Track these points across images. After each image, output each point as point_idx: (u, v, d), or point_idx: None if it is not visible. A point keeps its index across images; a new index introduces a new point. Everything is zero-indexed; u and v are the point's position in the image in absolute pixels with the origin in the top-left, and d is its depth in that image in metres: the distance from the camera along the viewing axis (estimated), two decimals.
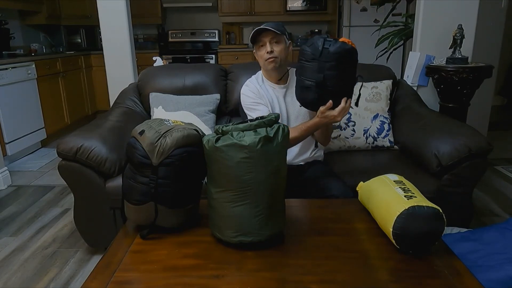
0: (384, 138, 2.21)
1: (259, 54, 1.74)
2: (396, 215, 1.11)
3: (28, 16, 4.78)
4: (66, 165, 1.85)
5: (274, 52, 1.69)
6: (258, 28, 1.67)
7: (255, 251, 1.14)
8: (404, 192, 1.19)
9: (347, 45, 1.47)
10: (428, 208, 1.10)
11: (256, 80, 1.84)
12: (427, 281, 1.01)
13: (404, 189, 1.21)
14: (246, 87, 1.83)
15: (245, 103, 1.81)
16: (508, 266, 1.37)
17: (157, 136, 1.18)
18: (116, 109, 2.33)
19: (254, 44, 1.73)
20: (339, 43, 1.47)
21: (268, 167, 1.12)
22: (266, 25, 1.67)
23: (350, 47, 1.48)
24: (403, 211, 1.10)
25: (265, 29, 1.66)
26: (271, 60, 1.70)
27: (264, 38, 1.69)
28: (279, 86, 1.80)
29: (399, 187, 1.23)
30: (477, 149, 1.75)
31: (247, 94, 1.81)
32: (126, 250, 1.17)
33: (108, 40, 3.00)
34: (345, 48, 1.47)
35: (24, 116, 3.70)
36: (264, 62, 1.73)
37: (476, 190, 2.63)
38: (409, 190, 1.20)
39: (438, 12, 2.52)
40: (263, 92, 1.79)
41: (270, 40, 1.68)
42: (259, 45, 1.71)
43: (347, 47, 1.47)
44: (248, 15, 5.34)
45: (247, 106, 1.80)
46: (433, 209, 1.10)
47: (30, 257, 2.10)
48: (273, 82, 1.81)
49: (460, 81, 2.32)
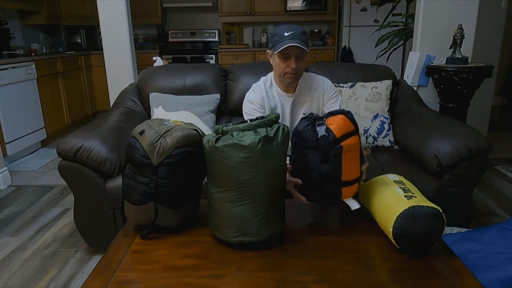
0: (384, 138, 2.21)
1: (279, 64, 1.64)
2: (396, 215, 1.11)
3: (28, 16, 4.78)
4: (66, 165, 1.85)
5: (297, 69, 1.62)
6: (291, 44, 1.54)
7: (255, 251, 1.14)
8: (404, 192, 1.20)
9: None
10: (428, 208, 1.10)
11: (264, 85, 1.78)
12: (427, 281, 1.01)
13: (404, 189, 1.22)
14: (252, 92, 1.78)
15: (246, 108, 1.78)
16: (508, 266, 1.37)
17: (157, 136, 1.18)
18: (116, 109, 2.33)
19: (276, 51, 1.59)
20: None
21: (268, 167, 1.12)
22: (296, 37, 1.55)
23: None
24: (403, 211, 1.10)
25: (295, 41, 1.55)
26: (293, 76, 1.65)
27: (291, 51, 1.58)
28: (287, 94, 1.77)
29: (399, 187, 1.23)
30: (477, 149, 1.75)
31: (250, 100, 1.76)
32: (126, 250, 1.17)
33: (108, 40, 3.00)
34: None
35: (24, 116, 3.70)
36: (283, 74, 1.66)
37: (476, 190, 2.64)
38: (409, 190, 1.21)
39: (438, 12, 2.52)
40: (268, 100, 1.76)
41: (296, 54, 1.59)
42: (283, 56, 1.60)
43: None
44: (248, 15, 5.34)
45: (247, 112, 1.77)
46: (433, 209, 1.10)
47: (30, 257, 2.10)
48: (282, 90, 1.77)
49: (460, 81, 2.32)
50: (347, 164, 1.21)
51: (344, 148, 1.18)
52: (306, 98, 1.78)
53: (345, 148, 1.19)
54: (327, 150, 1.19)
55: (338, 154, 1.19)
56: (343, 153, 1.19)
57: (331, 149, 1.19)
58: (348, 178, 1.23)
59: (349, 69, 2.44)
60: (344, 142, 1.18)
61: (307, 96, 1.78)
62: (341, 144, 1.18)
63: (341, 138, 1.18)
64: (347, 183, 1.24)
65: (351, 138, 1.20)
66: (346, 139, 1.19)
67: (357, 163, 1.25)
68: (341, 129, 1.19)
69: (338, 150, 1.18)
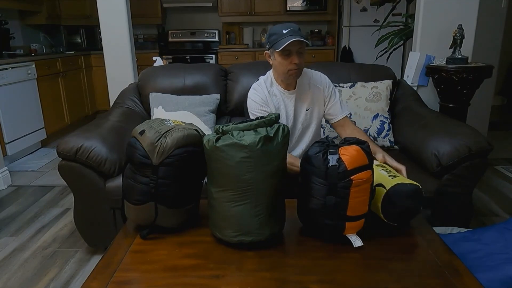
0: (384, 138, 2.21)
1: (281, 62, 1.63)
2: (384, 192, 1.23)
3: (28, 16, 4.78)
4: (66, 165, 1.85)
5: (299, 64, 1.62)
6: (293, 39, 1.53)
7: (255, 251, 1.14)
8: (387, 173, 1.31)
9: None
10: (410, 185, 1.24)
11: (265, 83, 1.78)
12: (427, 281, 1.01)
13: (386, 171, 1.33)
14: (253, 91, 1.78)
15: (251, 109, 1.77)
16: (508, 266, 1.37)
17: (157, 136, 1.18)
18: (116, 109, 2.33)
19: (276, 50, 1.59)
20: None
21: (268, 167, 1.12)
22: (295, 33, 1.55)
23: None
24: (390, 188, 1.22)
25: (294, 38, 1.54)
26: (296, 72, 1.65)
27: (292, 47, 1.57)
28: (288, 91, 1.77)
29: (382, 169, 1.34)
30: (477, 149, 1.75)
31: (254, 100, 1.76)
32: (126, 250, 1.17)
33: (108, 40, 3.00)
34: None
35: (24, 116, 3.70)
36: (287, 71, 1.64)
37: (476, 190, 2.64)
38: (391, 171, 1.33)
39: (438, 12, 2.52)
40: (270, 98, 1.76)
41: (298, 49, 1.59)
42: (284, 54, 1.59)
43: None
44: (248, 15, 5.34)
45: (253, 112, 1.76)
46: (414, 185, 1.24)
47: (30, 257, 2.10)
48: (283, 87, 1.77)
49: (460, 81, 2.32)
50: (355, 199, 1.14)
51: (354, 182, 1.12)
52: (307, 94, 1.79)
53: (355, 182, 1.12)
54: (335, 182, 1.13)
55: (346, 187, 1.12)
56: (351, 187, 1.12)
57: (340, 181, 1.12)
58: (354, 213, 1.16)
59: (349, 69, 2.44)
60: (355, 176, 1.12)
61: (307, 92, 1.79)
62: (351, 178, 1.12)
63: (352, 171, 1.12)
64: (352, 218, 1.16)
65: (363, 173, 1.13)
66: (357, 173, 1.12)
67: (366, 198, 1.18)
68: (353, 162, 1.12)
69: (347, 183, 1.12)
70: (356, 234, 1.19)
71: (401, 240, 1.22)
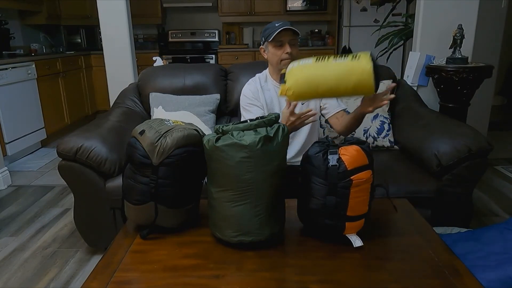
0: (384, 138, 2.21)
1: (274, 52, 1.69)
2: (369, 65, 1.23)
3: (28, 16, 4.78)
4: (66, 165, 1.85)
5: (292, 54, 1.67)
6: (283, 27, 1.62)
7: (255, 251, 1.14)
8: (341, 58, 1.28)
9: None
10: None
11: (259, 79, 1.83)
12: (427, 281, 1.01)
13: (336, 57, 1.29)
14: (247, 85, 1.84)
15: (242, 102, 1.84)
16: (508, 266, 1.37)
17: (157, 136, 1.18)
18: (116, 109, 2.33)
19: (269, 42, 1.68)
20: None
21: (268, 167, 1.12)
22: (287, 24, 1.63)
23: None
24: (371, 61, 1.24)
25: (286, 28, 1.63)
26: (289, 61, 1.65)
27: (283, 38, 1.65)
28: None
29: (332, 58, 1.29)
30: (477, 149, 1.75)
31: (245, 94, 1.82)
32: (126, 250, 1.17)
33: (108, 40, 3.00)
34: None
35: (24, 116, 3.70)
36: (279, 61, 1.69)
37: (476, 190, 2.64)
38: (341, 56, 1.29)
39: (438, 12, 2.52)
40: (262, 93, 1.79)
41: (289, 41, 1.66)
42: (277, 44, 1.67)
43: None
44: (248, 15, 5.34)
45: (242, 106, 1.83)
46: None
47: (30, 257, 2.10)
48: (278, 82, 1.80)
49: (460, 81, 2.32)
50: (355, 199, 1.14)
51: (354, 182, 1.12)
52: None
53: (355, 182, 1.12)
54: (336, 182, 1.13)
55: (346, 187, 1.12)
56: (351, 187, 1.12)
57: (340, 181, 1.12)
58: (354, 213, 1.15)
59: None
60: (355, 176, 1.12)
61: None
62: (351, 178, 1.12)
63: (352, 171, 1.12)
64: (352, 218, 1.16)
65: (363, 173, 1.13)
66: (357, 173, 1.12)
67: (366, 198, 1.17)
68: (353, 162, 1.12)
69: (347, 183, 1.12)
70: (356, 234, 1.18)
71: (401, 240, 1.22)
